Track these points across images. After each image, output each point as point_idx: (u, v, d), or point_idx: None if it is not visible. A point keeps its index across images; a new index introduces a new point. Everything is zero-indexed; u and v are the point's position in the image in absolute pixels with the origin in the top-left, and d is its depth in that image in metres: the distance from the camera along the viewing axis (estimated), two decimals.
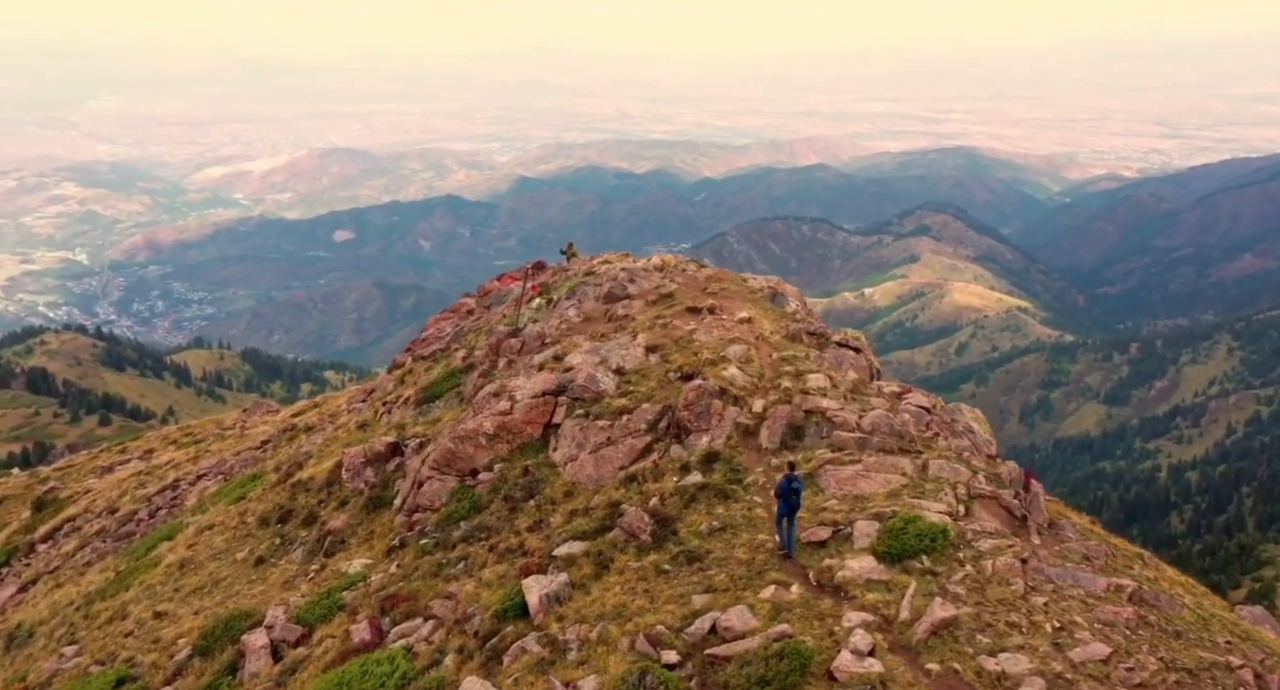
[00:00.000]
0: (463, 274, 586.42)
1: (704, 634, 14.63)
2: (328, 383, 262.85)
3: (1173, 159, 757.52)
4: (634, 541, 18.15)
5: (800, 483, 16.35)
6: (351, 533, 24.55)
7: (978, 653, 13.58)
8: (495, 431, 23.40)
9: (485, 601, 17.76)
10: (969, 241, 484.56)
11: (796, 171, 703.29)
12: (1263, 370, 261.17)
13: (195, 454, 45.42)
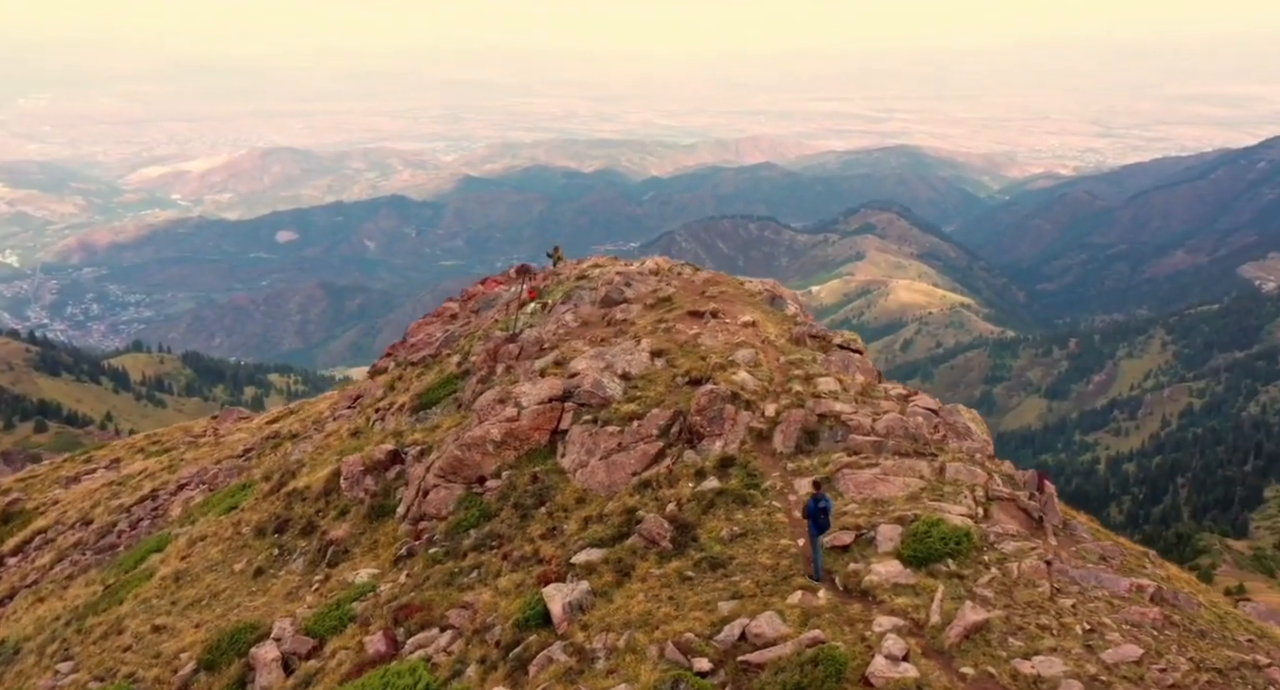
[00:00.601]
0: (409, 274, 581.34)
1: (734, 641, 14.52)
2: (272, 386, 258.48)
3: (1107, 158, 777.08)
4: (654, 548, 18.00)
5: (828, 501, 16.12)
6: (354, 542, 24.16)
7: (1011, 656, 13.57)
8: (502, 438, 23.03)
9: (504, 610, 17.55)
10: (913, 239, 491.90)
11: (743, 170, 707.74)
12: (1195, 363, 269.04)
13: (169, 463, 44.42)
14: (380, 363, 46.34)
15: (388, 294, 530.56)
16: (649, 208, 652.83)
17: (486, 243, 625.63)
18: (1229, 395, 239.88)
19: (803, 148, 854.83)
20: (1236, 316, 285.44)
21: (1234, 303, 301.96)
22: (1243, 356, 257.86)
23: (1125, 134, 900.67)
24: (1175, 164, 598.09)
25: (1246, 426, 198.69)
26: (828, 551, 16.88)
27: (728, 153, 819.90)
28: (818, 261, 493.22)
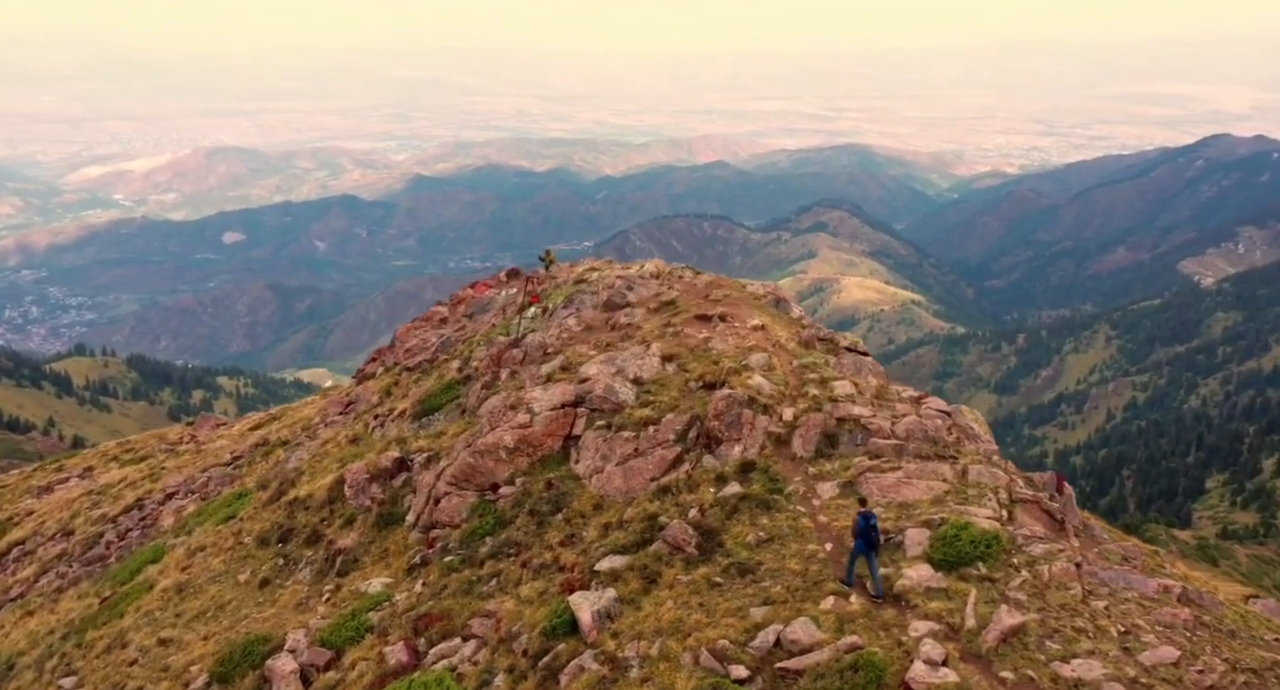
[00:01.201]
0: (361, 275, 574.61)
1: (769, 647, 14.46)
2: (221, 389, 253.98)
3: (1051, 156, 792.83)
4: (679, 554, 17.86)
5: (875, 518, 15.77)
6: (364, 551, 23.86)
7: (1050, 660, 13.56)
8: (515, 445, 22.79)
9: (529, 619, 17.39)
10: (864, 237, 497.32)
11: (696, 169, 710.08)
12: (1138, 357, 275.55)
13: (149, 471, 43.55)
14: (368, 367, 45.63)
15: (339, 295, 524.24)
16: (602, 207, 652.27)
17: (439, 243, 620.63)
18: (1170, 388, 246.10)
19: (755, 146, 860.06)
20: (1177, 311, 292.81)
21: (1174, 298, 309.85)
22: (1183, 350, 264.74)
23: (1069, 133, 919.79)
24: (1117, 162, 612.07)
25: (1188, 419, 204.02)
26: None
27: (681, 152, 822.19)
28: (771, 259, 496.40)
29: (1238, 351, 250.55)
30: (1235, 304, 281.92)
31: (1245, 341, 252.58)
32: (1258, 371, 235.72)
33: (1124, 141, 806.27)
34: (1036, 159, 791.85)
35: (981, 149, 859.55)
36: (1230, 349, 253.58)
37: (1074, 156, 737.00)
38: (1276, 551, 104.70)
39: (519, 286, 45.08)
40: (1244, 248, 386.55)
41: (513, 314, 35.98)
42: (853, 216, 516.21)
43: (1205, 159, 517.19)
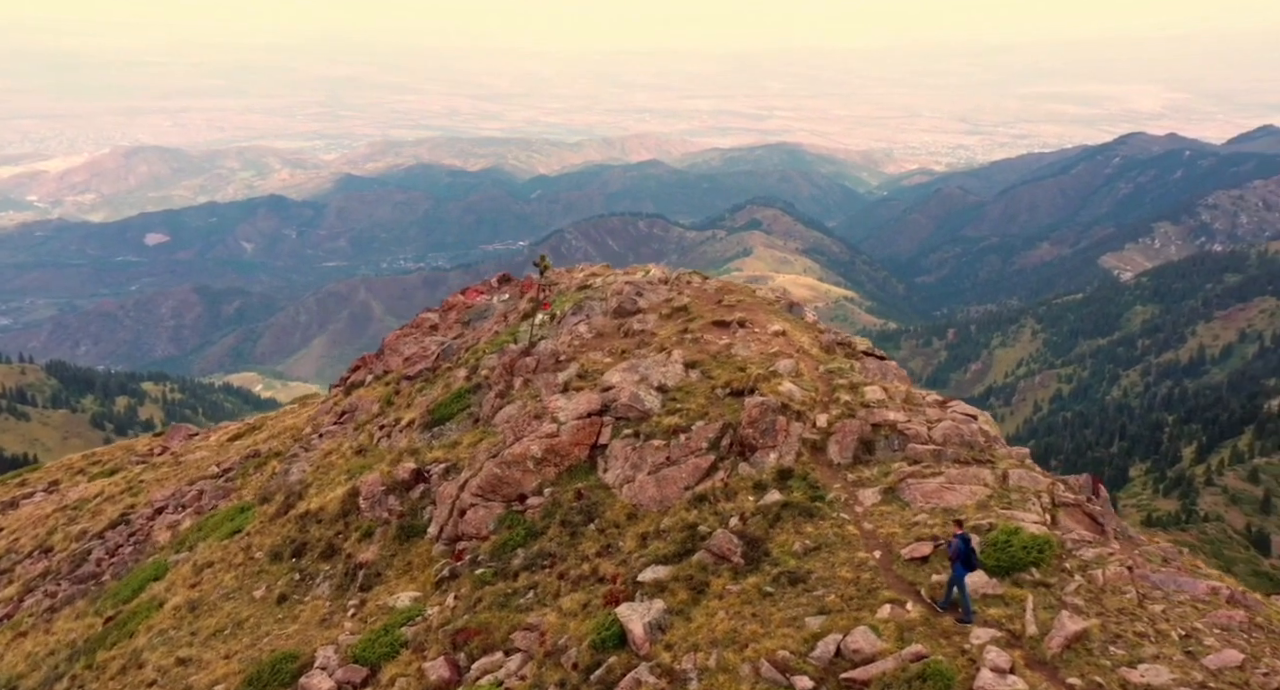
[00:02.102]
0: (290, 277, 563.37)
1: (830, 657, 14.26)
2: (147, 395, 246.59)
3: (976, 154, 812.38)
4: (725, 564, 17.56)
5: (969, 536, 15.26)
6: (386, 564, 23.40)
7: (1116, 665, 13.51)
8: (543, 455, 22.39)
9: (576, 632, 17.17)
10: (797, 235, 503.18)
11: (630, 168, 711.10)
12: (1062, 350, 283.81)
13: (125, 484, 42.26)
14: (354, 376, 44.73)
15: (268, 297, 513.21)
16: (537, 206, 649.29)
17: (371, 243, 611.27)
18: (1093, 380, 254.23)
19: (688, 145, 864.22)
20: (1098, 305, 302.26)
21: (1096, 292, 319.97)
22: (1105, 343, 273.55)
23: (993, 131, 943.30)
24: (1039, 160, 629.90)
25: (1111, 410, 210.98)
26: (907, 563, 16.68)
27: (614, 150, 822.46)
28: (706, 258, 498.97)
29: (1156, 343, 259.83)
30: (1153, 297, 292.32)
31: (1163, 334, 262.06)
32: (1175, 362, 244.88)
33: (1045, 140, 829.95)
34: (962, 157, 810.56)
35: (909, 147, 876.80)
36: (1149, 341, 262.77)
37: (998, 154, 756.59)
38: (1197, 538, 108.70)
39: (511, 292, 44.34)
40: (1160, 243, 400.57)
41: (516, 321, 35.32)
42: (786, 214, 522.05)
43: (1122, 157, 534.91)
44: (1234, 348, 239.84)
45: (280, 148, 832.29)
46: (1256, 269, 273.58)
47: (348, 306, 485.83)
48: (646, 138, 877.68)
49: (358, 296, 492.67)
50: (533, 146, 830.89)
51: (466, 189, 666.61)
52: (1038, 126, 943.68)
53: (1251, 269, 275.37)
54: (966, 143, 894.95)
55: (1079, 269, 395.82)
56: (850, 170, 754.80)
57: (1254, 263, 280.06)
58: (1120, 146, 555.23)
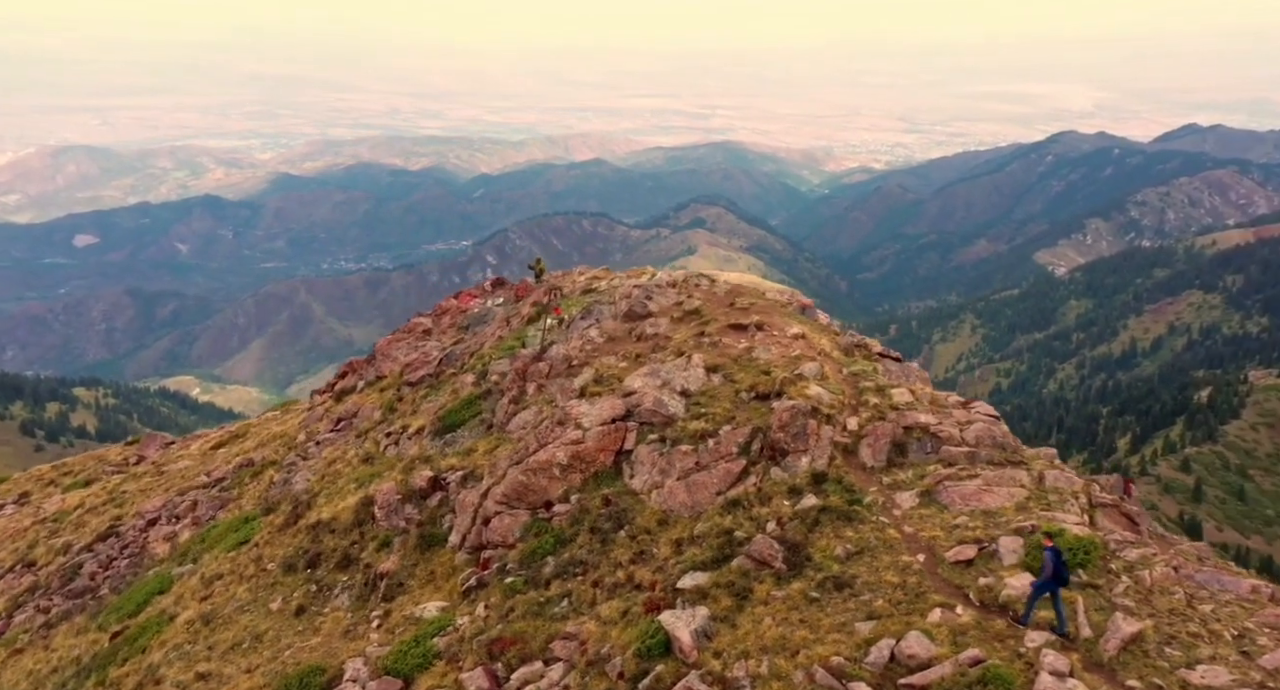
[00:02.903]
0: (228, 278, 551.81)
1: (884, 663, 14.11)
2: (79, 401, 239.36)
3: (915, 152, 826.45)
4: (767, 569, 17.36)
5: (1059, 549, 14.78)
6: (408, 574, 23.05)
7: (1174, 667, 13.45)
8: (569, 461, 22.12)
9: (618, 640, 16.86)
10: (741, 232, 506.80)
11: (574, 167, 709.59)
12: (1000, 345, 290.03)
13: (106, 496, 41.18)
14: (342, 382, 43.95)
15: (204, 299, 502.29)
16: (480, 205, 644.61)
17: (310, 243, 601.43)
18: (1031, 374, 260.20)
19: (631, 144, 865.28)
20: (1034, 300, 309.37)
21: (1031, 288, 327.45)
22: (1041, 337, 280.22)
23: (930, 130, 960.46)
24: (975, 158, 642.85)
25: (1048, 403, 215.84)
26: (952, 566, 16.55)
27: (558, 149, 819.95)
28: (651, 256, 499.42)
29: (1090, 337, 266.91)
30: (1086, 292, 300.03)
31: (1096, 327, 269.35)
32: (1108, 355, 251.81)
33: (981, 138, 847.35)
34: (901, 155, 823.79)
35: (849, 145, 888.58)
36: (1083, 335, 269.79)
37: (935, 153, 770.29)
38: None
39: (505, 296, 43.88)
40: (1091, 239, 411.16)
41: (519, 325, 34.87)
42: (729, 212, 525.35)
43: (1054, 155, 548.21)
44: (1164, 340, 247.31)
45: (215, 147, 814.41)
46: (1184, 264, 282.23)
47: (287, 308, 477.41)
48: (590, 136, 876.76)
49: (298, 298, 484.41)
50: (475, 145, 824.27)
51: (408, 188, 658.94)
52: (973, 125, 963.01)
53: (1179, 264, 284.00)
54: (905, 141, 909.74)
55: (1015, 265, 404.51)
56: (792, 168, 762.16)
57: (1181, 258, 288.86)
58: (1052, 144, 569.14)
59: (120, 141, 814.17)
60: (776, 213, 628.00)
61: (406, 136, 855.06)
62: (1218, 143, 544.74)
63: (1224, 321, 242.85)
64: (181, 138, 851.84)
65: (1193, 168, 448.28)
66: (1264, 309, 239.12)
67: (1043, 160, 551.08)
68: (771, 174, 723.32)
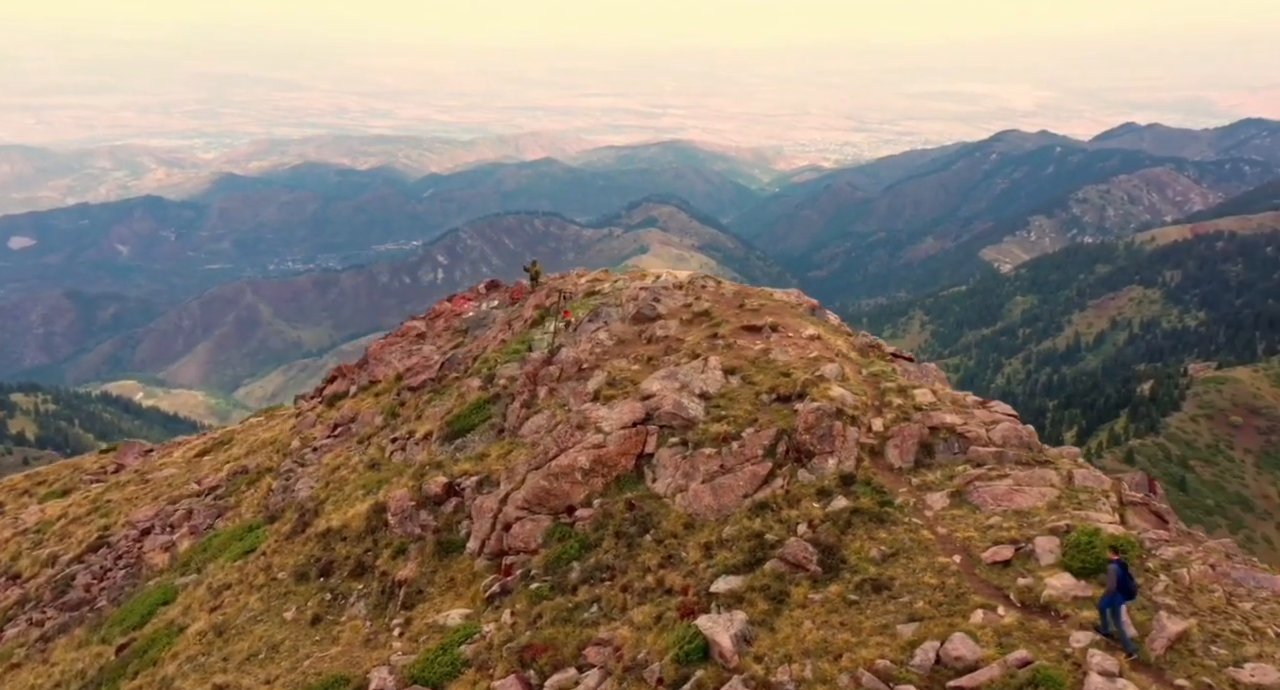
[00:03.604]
0: (171, 280, 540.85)
1: (931, 665, 14.01)
2: (17, 407, 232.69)
3: (863, 151, 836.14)
4: (802, 572, 17.28)
5: (1125, 561, 14.57)
6: (427, 581, 22.81)
7: (1222, 665, 13.44)
8: (591, 466, 21.93)
9: (654, 646, 16.69)
10: (693, 231, 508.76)
11: (525, 166, 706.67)
12: (949, 340, 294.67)
13: (90, 506, 40.08)
14: (332, 387, 43.40)
15: (147, 302, 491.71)
16: (430, 205, 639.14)
17: (257, 244, 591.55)
18: (979, 369, 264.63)
19: (582, 143, 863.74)
20: (981, 296, 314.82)
21: (978, 284, 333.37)
22: (989, 333, 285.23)
23: (878, 129, 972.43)
24: (922, 156, 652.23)
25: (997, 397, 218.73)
26: (990, 567, 16.51)
27: (508, 149, 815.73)
28: (604, 255, 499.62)
29: (1035, 332, 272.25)
30: (1031, 288, 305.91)
31: (1042, 323, 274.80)
32: (1053, 350, 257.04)
33: (927, 137, 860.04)
34: (850, 154, 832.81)
35: (799, 144, 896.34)
36: (1029, 330, 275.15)
37: (883, 151, 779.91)
38: None
39: (500, 298, 43.64)
40: (1035, 236, 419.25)
41: (522, 328, 34.40)
42: (681, 211, 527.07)
43: (998, 153, 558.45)
44: (1106, 335, 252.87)
45: (156, 146, 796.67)
46: (1124, 260, 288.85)
47: (233, 310, 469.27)
48: (541, 135, 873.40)
49: (244, 299, 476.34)
50: (425, 145, 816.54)
51: (356, 188, 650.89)
52: (920, 124, 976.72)
53: (1120, 260, 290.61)
54: (854, 140, 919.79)
55: (962, 262, 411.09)
56: (743, 167, 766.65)
57: (1122, 254, 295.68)
58: (996, 143, 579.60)
59: (57, 141, 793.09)
60: (728, 211, 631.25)
61: (354, 136, 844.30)
62: (1155, 141, 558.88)
63: (1163, 316, 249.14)
64: (121, 137, 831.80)
65: (1131, 166, 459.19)
66: (1201, 303, 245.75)
67: (987, 158, 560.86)
68: (723, 173, 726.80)
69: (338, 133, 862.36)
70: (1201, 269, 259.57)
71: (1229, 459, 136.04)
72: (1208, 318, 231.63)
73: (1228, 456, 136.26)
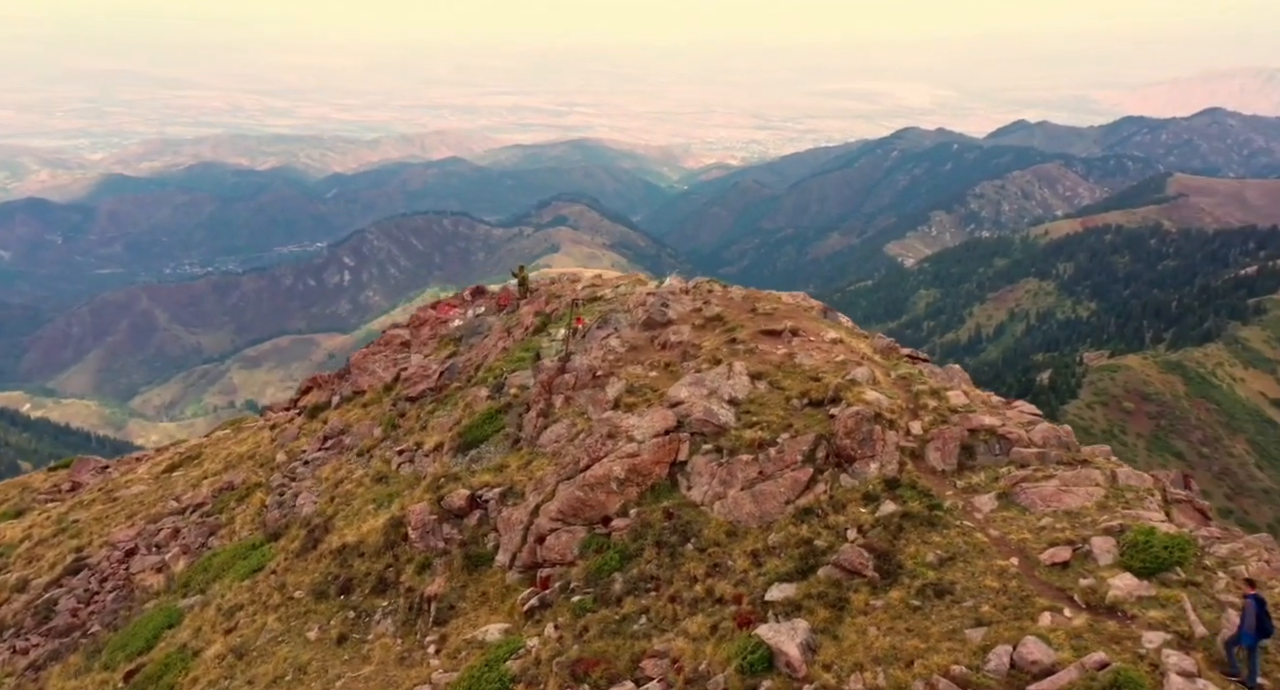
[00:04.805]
0: (58, 286, 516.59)
1: (1006, 670, 13.88)
2: None
3: (769, 149, 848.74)
4: (859, 579, 17.08)
5: (1263, 596, 14.00)
6: (458, 597, 22.23)
7: None
8: (626, 475, 21.51)
9: (714, 657, 16.41)
10: (604, 230, 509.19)
11: (431, 165, 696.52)
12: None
13: (56, 527, 37.83)
14: (309, 398, 42.02)
15: (32, 309, 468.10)
16: (334, 206, 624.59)
17: (151, 248, 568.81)
18: None
19: (489, 142, 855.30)
20: (887, 291, 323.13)
21: (884, 279, 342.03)
22: (895, 326, 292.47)
23: (782, 127, 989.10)
24: (826, 154, 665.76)
25: None
26: (1049, 569, 16.45)
27: (413, 148, 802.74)
28: (515, 255, 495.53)
29: (939, 325, 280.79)
30: (934, 282, 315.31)
31: (945, 315, 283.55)
32: (956, 342, 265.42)
33: (830, 134, 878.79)
34: (756, 152, 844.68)
35: (706, 142, 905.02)
36: (933, 323, 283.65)
37: (788, 149, 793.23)
38: None
39: (487, 305, 42.96)
40: (936, 231, 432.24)
41: (523, 336, 33.45)
42: (591, 210, 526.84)
43: (899, 150, 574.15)
44: (1005, 326, 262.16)
45: (38, 146, 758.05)
46: (1020, 253, 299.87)
47: (127, 316, 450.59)
48: (447, 134, 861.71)
49: (138, 305, 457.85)
50: (326, 144, 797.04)
51: (256, 189, 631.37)
52: (823, 122, 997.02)
53: (1016, 253, 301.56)
54: (759, 138, 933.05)
55: (867, 257, 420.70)
56: (651, 165, 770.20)
57: (1018, 248, 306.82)
58: (897, 140, 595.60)
59: None
60: (638, 209, 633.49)
61: (252, 135, 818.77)
62: (1045, 138, 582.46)
63: (1058, 307, 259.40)
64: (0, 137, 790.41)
65: (1024, 162, 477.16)
66: (1092, 294, 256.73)
67: (888, 156, 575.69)
68: (631, 171, 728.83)
69: (234, 132, 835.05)
70: (1092, 261, 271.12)
71: (1123, 443, 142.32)
72: (1099, 308, 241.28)
73: (1121, 441, 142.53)
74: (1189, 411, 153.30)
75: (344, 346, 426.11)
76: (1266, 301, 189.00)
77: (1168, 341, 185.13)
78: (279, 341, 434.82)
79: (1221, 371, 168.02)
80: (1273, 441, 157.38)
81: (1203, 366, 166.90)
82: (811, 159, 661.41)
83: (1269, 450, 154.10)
